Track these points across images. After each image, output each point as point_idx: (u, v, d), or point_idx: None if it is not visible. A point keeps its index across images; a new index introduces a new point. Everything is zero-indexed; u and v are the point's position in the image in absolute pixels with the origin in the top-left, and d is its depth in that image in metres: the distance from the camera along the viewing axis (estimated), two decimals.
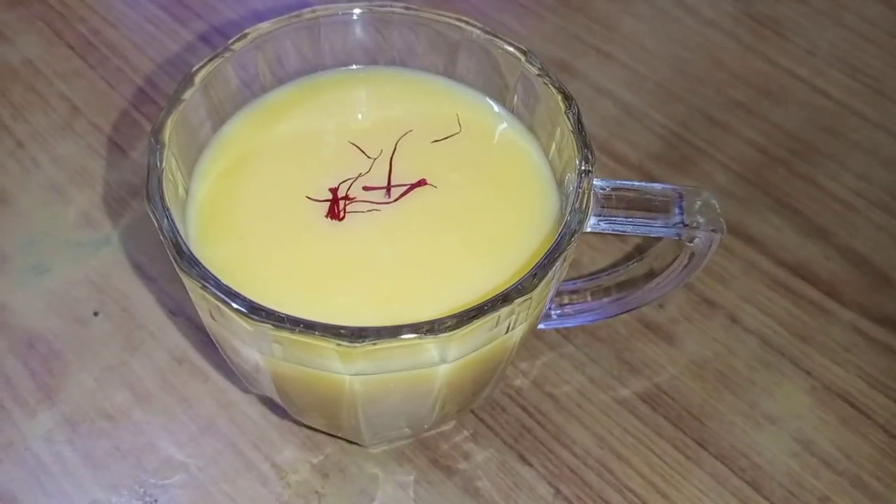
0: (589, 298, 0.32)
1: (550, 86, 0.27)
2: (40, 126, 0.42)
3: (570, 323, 0.33)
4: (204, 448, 0.33)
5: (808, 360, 0.37)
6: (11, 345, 0.35)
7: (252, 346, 0.24)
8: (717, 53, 0.48)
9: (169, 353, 0.36)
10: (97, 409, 0.34)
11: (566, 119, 0.26)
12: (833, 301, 0.38)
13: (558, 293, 0.32)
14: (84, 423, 0.34)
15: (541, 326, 0.33)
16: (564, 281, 0.33)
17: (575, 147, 0.26)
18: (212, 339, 0.35)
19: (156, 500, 0.32)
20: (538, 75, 0.27)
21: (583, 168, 0.25)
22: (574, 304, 0.32)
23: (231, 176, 0.28)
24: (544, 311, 0.27)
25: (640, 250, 0.33)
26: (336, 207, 0.27)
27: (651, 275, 0.30)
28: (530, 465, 0.33)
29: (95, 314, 0.36)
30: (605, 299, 0.31)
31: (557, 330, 0.36)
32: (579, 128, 0.26)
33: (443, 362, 0.24)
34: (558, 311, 0.32)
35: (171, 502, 0.32)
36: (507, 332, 0.24)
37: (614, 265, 0.36)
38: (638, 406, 0.35)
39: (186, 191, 0.27)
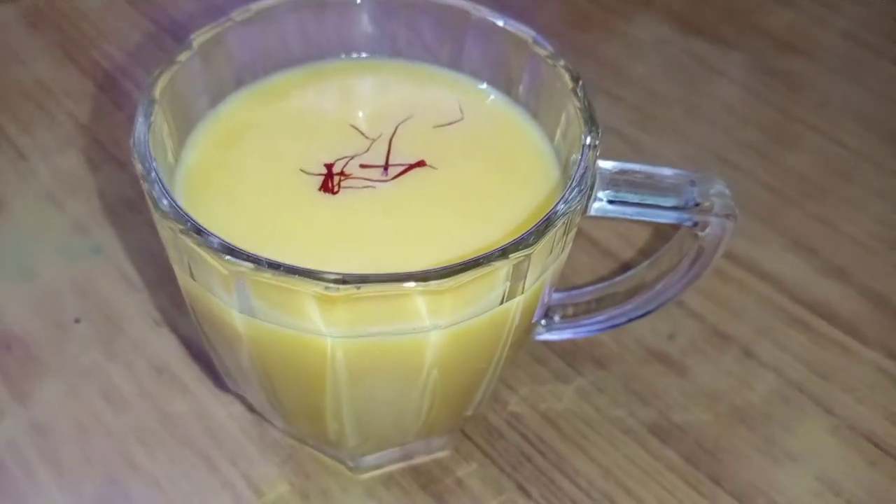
0: (595, 306, 0.30)
1: (559, 66, 0.26)
2: (44, 140, 0.42)
3: (573, 331, 0.31)
4: (177, 461, 0.31)
5: (830, 398, 0.34)
6: None
7: (230, 305, 0.22)
8: (728, 100, 0.47)
9: (149, 363, 0.34)
10: (69, 416, 0.32)
11: (574, 97, 0.25)
12: (854, 340, 0.36)
13: (563, 304, 0.31)
14: (54, 429, 0.31)
15: (544, 336, 0.31)
16: (569, 289, 0.31)
17: (581, 123, 0.25)
18: (196, 352, 0.34)
19: None
20: (546, 57, 0.27)
21: (588, 143, 0.24)
22: (579, 311, 0.30)
23: (224, 146, 0.27)
24: (545, 293, 0.25)
25: (647, 257, 0.32)
26: (330, 181, 0.26)
27: (659, 278, 0.28)
28: (529, 495, 0.31)
29: (77, 321, 0.35)
30: (612, 305, 0.30)
31: (562, 356, 0.34)
32: (587, 104, 0.25)
33: (434, 328, 0.22)
34: (562, 315, 0.30)
35: None
36: (503, 300, 0.22)
37: (620, 272, 0.34)
38: (647, 438, 0.33)
39: (176, 159, 0.26)
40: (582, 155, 0.24)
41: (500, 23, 0.28)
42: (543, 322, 0.30)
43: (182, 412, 0.32)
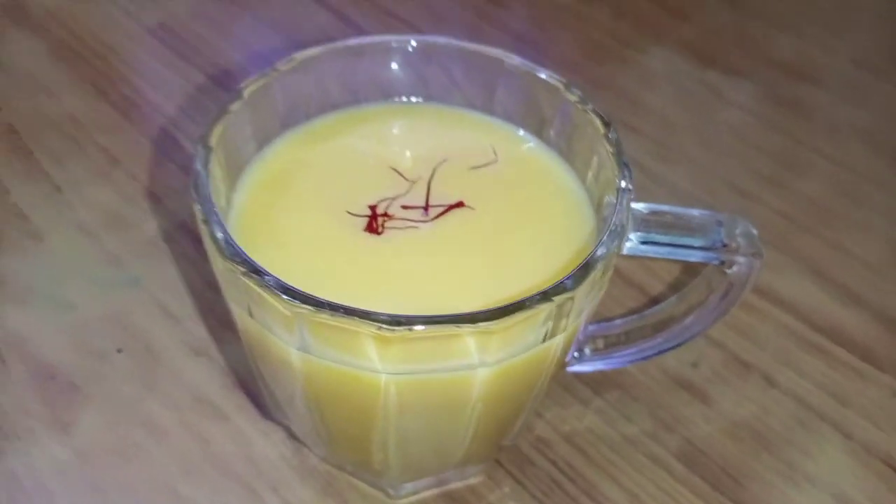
0: (625, 338, 0.31)
1: (590, 112, 0.28)
2: (78, 174, 0.43)
3: (604, 363, 0.32)
4: (219, 489, 0.32)
5: (848, 423, 0.35)
6: (31, 376, 0.35)
7: (288, 343, 0.23)
8: (740, 129, 0.49)
9: (189, 393, 0.35)
10: (110, 445, 0.33)
11: (605, 142, 0.27)
12: (869, 365, 0.37)
13: (593, 337, 0.32)
14: (96, 457, 0.32)
15: (575, 368, 0.32)
16: (599, 322, 0.32)
17: (615, 167, 0.26)
18: (236, 381, 0.35)
19: None
20: (577, 103, 0.28)
21: (622, 186, 0.25)
22: (610, 343, 0.31)
23: (272, 188, 0.28)
24: (581, 330, 0.26)
25: (674, 290, 0.33)
26: (375, 222, 0.27)
27: (688, 312, 0.30)
28: None
29: (119, 351, 0.36)
30: (642, 338, 0.31)
31: (588, 384, 0.35)
32: (619, 149, 0.26)
33: (481, 365, 0.23)
34: (592, 348, 0.31)
35: None
36: (545, 339, 0.24)
37: (649, 305, 0.35)
38: (673, 464, 0.34)
39: (228, 203, 0.27)
40: (619, 199, 0.25)
41: (533, 71, 0.29)
42: (576, 354, 0.31)
43: (223, 440, 0.33)
